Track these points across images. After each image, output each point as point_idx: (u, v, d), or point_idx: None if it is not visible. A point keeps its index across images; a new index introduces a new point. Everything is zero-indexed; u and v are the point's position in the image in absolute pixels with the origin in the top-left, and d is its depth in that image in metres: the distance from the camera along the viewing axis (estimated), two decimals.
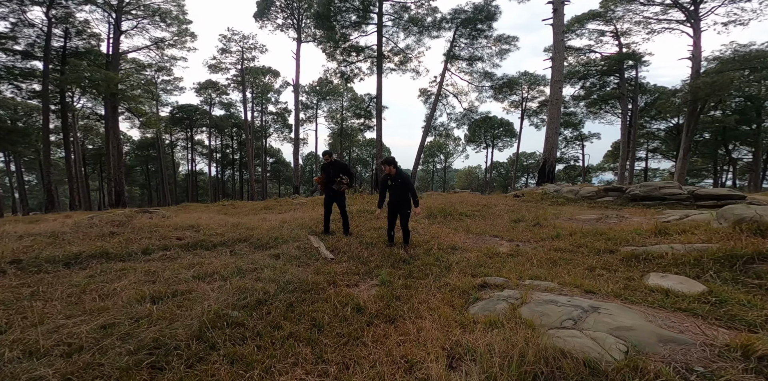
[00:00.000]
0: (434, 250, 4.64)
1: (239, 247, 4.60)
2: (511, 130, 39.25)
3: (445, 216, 7.20)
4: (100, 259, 3.65)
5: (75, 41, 21.79)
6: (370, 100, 37.27)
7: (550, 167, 15.24)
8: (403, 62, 23.97)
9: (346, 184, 5.48)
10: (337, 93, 37.81)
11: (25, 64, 21.64)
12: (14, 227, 4.63)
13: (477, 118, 26.80)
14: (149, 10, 20.92)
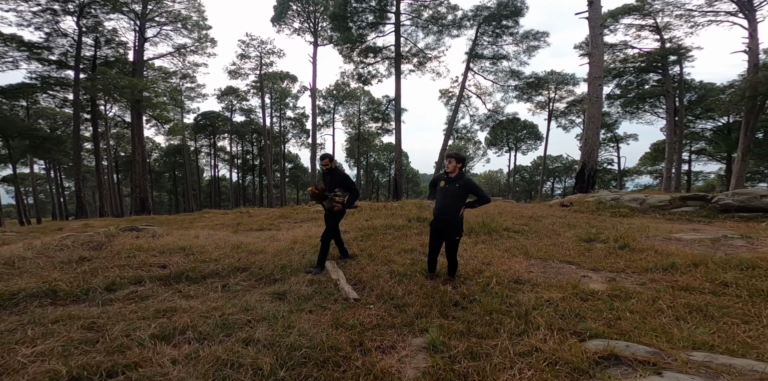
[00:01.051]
0: (494, 286, 3.37)
1: (235, 279, 3.51)
2: (535, 133, 37.17)
3: (489, 232, 5.88)
4: (44, 299, 2.66)
5: (104, 50, 22.20)
6: (388, 103, 36.30)
7: (590, 171, 13.52)
8: (422, 63, 22.89)
9: (340, 203, 3.98)
10: (354, 97, 37.23)
11: (59, 74, 22.21)
12: None
13: (502, 120, 25.18)
14: (171, 16, 20.97)
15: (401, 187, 21.55)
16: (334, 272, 3.99)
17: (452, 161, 3.47)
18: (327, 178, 4.10)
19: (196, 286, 3.29)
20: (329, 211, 4.05)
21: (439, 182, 3.60)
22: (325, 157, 4.10)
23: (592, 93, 13.91)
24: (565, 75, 27.79)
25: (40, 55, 20.57)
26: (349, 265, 4.29)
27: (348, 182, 4.05)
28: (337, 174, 4.07)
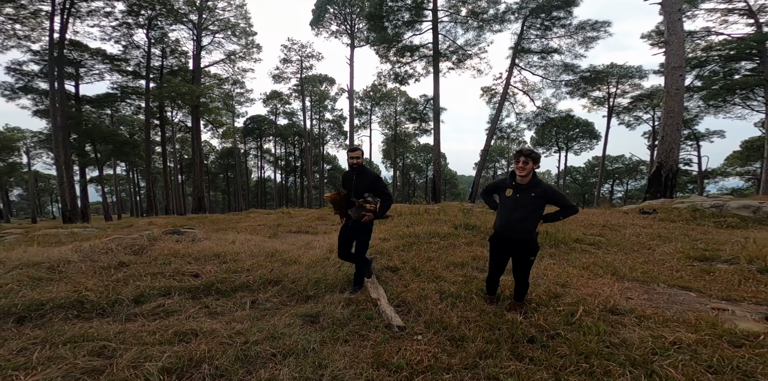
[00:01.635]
0: (581, 317, 2.61)
1: (266, 294, 3.15)
2: (591, 131, 33.71)
3: (556, 244, 4.97)
4: (71, 310, 2.48)
5: (170, 59, 24.34)
6: (426, 102, 35.42)
7: (668, 173, 11.54)
8: (461, 60, 21.66)
9: (372, 210, 3.11)
10: (390, 97, 36.92)
11: (135, 84, 24.82)
12: (26, 251, 3.85)
13: (553, 118, 23.00)
14: (222, 24, 22.33)
15: (440, 189, 20.64)
16: (374, 290, 3.47)
17: (526, 161, 2.56)
18: (353, 179, 3.19)
19: (224, 301, 2.98)
20: (355, 222, 3.13)
21: (502, 189, 2.79)
22: (357, 149, 3.19)
23: (671, 84, 11.90)
24: (628, 68, 24.66)
25: (119, 66, 23.14)
26: (390, 280, 3.76)
27: (380, 185, 3.17)
28: (368, 174, 3.18)
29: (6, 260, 3.36)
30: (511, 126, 25.31)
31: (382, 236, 5.74)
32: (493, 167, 44.56)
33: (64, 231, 10.82)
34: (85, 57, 21.98)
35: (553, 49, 20.55)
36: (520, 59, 21.42)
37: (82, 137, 25.01)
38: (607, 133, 27.07)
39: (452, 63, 21.78)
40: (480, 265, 4.25)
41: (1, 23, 17.52)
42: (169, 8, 19.92)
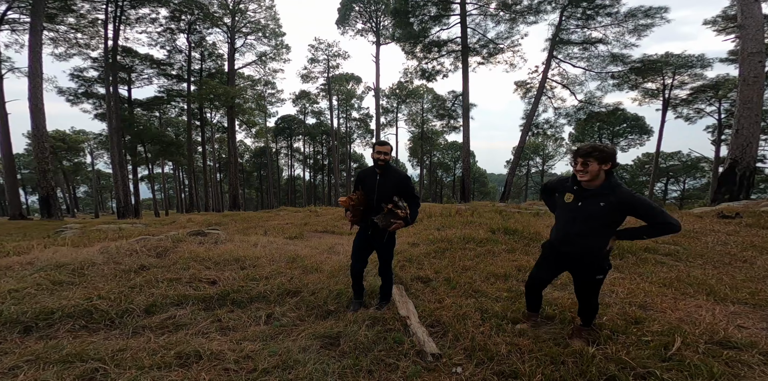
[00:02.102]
0: (681, 352, 2.00)
1: (282, 307, 2.84)
2: (640, 126, 30.67)
3: (621, 253, 4.23)
4: (79, 320, 2.33)
5: (208, 63, 25.54)
6: (454, 99, 34.16)
7: (744, 171, 9.92)
8: (492, 54, 20.52)
9: (403, 217, 2.61)
10: (417, 95, 36.12)
11: (178, 87, 26.36)
12: (56, 252, 3.87)
13: (599, 112, 21.05)
14: (254, 25, 22.92)
15: (469, 188, 19.71)
16: (403, 306, 3.04)
17: (585, 163, 1.92)
18: (377, 179, 2.66)
19: (239, 313, 2.71)
20: (378, 230, 2.64)
21: (561, 192, 2.16)
22: (386, 143, 2.71)
23: (748, 72, 10.22)
24: (687, 57, 21.85)
25: (165, 71, 24.65)
26: (421, 294, 3.31)
27: (411, 187, 2.71)
28: (396, 174, 2.69)
29: (36, 261, 3.38)
30: (549, 121, 23.54)
31: (410, 240, 5.29)
32: (526, 165, 42.12)
33: (114, 227, 11.56)
34: (136, 62, 23.61)
35: (597, 39, 18.76)
36: (558, 51, 19.86)
37: (134, 138, 27.01)
38: (661, 128, 24.33)
39: (482, 57, 20.71)
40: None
41: (64, 32, 19.22)
42: (206, 13, 20.79)
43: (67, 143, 38.35)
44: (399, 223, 2.61)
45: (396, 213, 2.59)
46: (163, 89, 25.92)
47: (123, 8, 19.30)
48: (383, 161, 2.67)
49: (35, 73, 15.09)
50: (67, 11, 17.76)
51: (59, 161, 38.90)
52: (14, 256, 3.65)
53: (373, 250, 2.87)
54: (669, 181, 34.73)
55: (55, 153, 37.29)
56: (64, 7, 17.34)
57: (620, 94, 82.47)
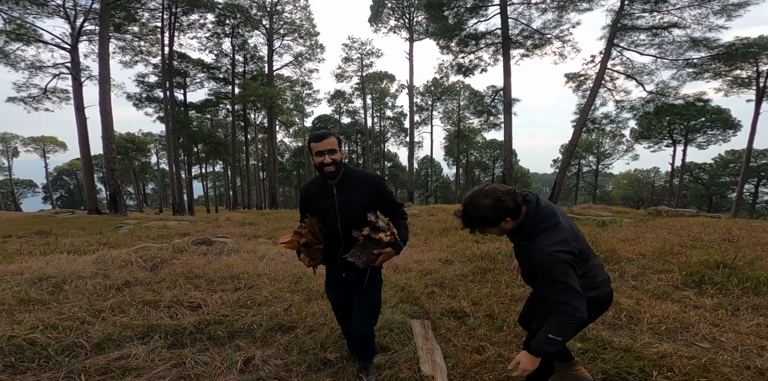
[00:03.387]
0: None
1: (269, 349, 2.15)
2: (724, 119, 25.98)
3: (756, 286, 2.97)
4: (11, 356, 1.84)
5: (250, 65, 26.58)
6: (494, 94, 31.83)
7: None
8: (537, 45, 18.44)
9: (391, 242, 1.61)
10: (453, 92, 34.43)
11: (225, 89, 27.84)
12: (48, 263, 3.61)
13: (675, 104, 18.00)
14: (290, 26, 23.29)
15: None
16: (427, 357, 2.18)
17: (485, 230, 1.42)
18: (332, 196, 1.68)
19: (212, 354, 2.09)
20: (358, 272, 1.71)
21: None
22: (326, 136, 1.60)
23: None
24: None
25: (214, 74, 26.13)
26: (453, 336, 2.45)
27: (389, 192, 1.72)
28: (364, 179, 1.69)
29: (25, 271, 3.12)
30: (608, 116, 20.71)
31: (443, 256, 4.39)
32: (577, 164, 38.13)
33: (161, 224, 12.22)
34: (189, 67, 25.31)
35: (671, 23, 15.92)
36: (620, 39, 17.36)
37: (188, 139, 29.08)
38: (754, 122, 20.15)
39: (526, 49, 18.71)
40: (608, 318, 2.63)
41: (130, 41, 21.07)
42: (246, 16, 21.51)
43: (136, 144, 42.74)
44: (387, 253, 1.61)
45: (377, 239, 1.58)
46: (212, 92, 27.52)
47: (176, 15, 20.63)
48: (332, 165, 1.58)
49: (104, 80, 16.58)
50: (131, 20, 19.35)
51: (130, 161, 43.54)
52: (12, 265, 3.48)
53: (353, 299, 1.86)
54: (760, 182, 29.04)
55: (126, 153, 41.86)
56: (129, 17, 18.90)
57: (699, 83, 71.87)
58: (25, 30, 17.42)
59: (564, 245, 1.25)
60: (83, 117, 18.25)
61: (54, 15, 17.82)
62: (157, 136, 45.39)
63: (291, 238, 1.66)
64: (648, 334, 2.36)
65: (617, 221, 6.33)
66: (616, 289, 3.28)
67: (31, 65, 18.76)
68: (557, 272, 1.21)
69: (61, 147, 44.44)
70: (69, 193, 53.92)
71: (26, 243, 6.11)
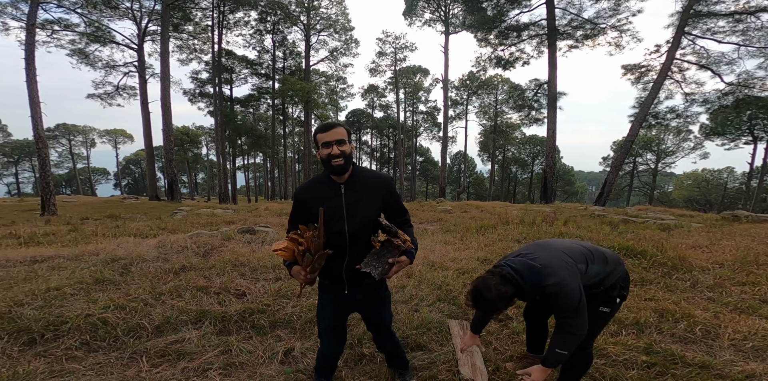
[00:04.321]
0: None
1: (308, 342, 2.20)
2: None
3: None
4: (84, 335, 2.07)
5: (289, 61, 27.40)
6: (537, 87, 29.66)
7: None
8: (589, 36, 17.03)
9: (408, 250, 1.46)
10: (490, 85, 32.79)
11: (266, 85, 29.05)
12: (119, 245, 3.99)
13: (759, 97, 15.68)
14: (326, 21, 23.51)
15: (553, 187, 16.89)
16: (466, 359, 2.03)
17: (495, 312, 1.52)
18: (340, 196, 1.45)
19: (255, 342, 2.18)
20: (366, 287, 1.54)
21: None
22: (335, 126, 1.41)
23: None
24: None
25: (256, 70, 27.34)
26: (496, 339, 2.31)
27: (398, 195, 1.60)
28: (374, 178, 1.52)
29: (100, 252, 3.49)
30: (675, 110, 18.49)
31: (480, 255, 4.20)
32: (632, 162, 34.53)
33: (209, 211, 13.25)
34: (235, 63, 26.69)
35: (760, 7, 13.68)
36: (692, 26, 15.32)
37: (233, 132, 30.87)
38: None
39: (575, 40, 17.35)
40: (679, 331, 2.36)
41: (185, 40, 22.66)
42: (286, 12, 22.06)
43: (190, 137, 46.32)
44: (403, 262, 1.46)
45: (395, 246, 1.41)
46: (254, 87, 28.86)
47: (224, 14, 21.73)
48: (341, 158, 1.38)
49: (165, 77, 18.03)
50: (187, 20, 20.75)
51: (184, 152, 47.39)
52: (89, 246, 3.94)
53: (351, 315, 1.70)
54: None
55: (182, 145, 45.65)
56: (184, 16, 20.28)
57: None
58: (101, 32, 19.38)
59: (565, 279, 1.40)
60: (147, 111, 20.08)
61: (124, 17, 19.61)
62: (207, 129, 48.71)
63: (287, 244, 1.39)
64: (729, 350, 2.08)
65: (684, 225, 5.62)
66: (687, 300, 2.93)
67: (106, 64, 20.97)
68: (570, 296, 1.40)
69: (129, 139, 49.55)
70: (134, 181, 60.22)
71: (100, 225, 6.91)
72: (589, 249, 1.63)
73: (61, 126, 45.32)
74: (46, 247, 4.52)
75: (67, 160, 47.20)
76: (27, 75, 11.56)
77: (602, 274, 1.52)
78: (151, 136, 20.86)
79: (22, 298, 2.41)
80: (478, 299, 1.41)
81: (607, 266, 1.57)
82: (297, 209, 1.52)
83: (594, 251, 1.62)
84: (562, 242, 1.65)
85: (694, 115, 18.15)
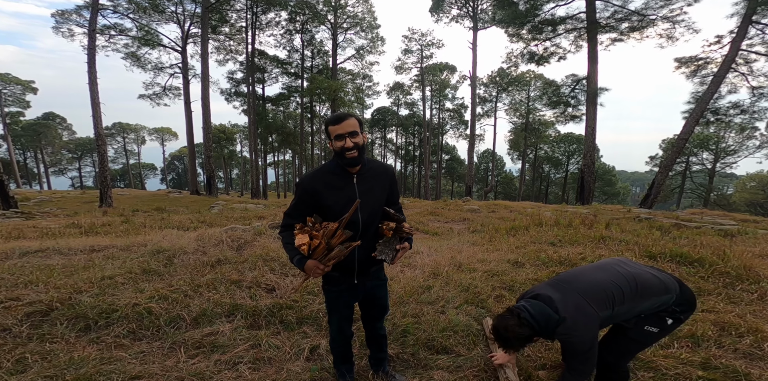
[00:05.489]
0: None
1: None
2: None
3: None
4: (131, 323, 2.22)
5: (317, 59, 27.83)
6: (574, 83, 27.62)
7: None
8: (635, 28, 15.78)
9: (410, 236, 1.56)
10: (521, 82, 31.30)
11: (296, 83, 29.75)
12: (164, 237, 4.26)
13: None
14: (352, 20, 23.48)
15: (591, 187, 15.82)
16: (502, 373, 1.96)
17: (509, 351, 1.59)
18: (353, 186, 1.47)
19: (282, 338, 2.22)
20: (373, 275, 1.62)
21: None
22: (347, 117, 1.42)
23: None
24: None
25: (286, 69, 28.10)
26: (531, 349, 2.19)
27: (398, 188, 1.67)
28: (381, 168, 1.58)
29: (148, 243, 3.75)
30: (739, 105, 16.59)
31: (511, 257, 4.00)
32: (685, 162, 31.25)
33: (242, 206, 13.93)
34: (267, 63, 27.58)
35: None
36: (761, 14, 13.63)
37: (265, 130, 32.04)
38: None
39: (619, 33, 16.17)
40: (743, 346, 2.10)
41: (222, 41, 23.77)
42: (314, 12, 22.36)
43: (226, 134, 48.81)
44: (405, 248, 1.53)
45: (405, 232, 1.53)
46: (285, 86, 29.70)
47: (257, 15, 22.46)
48: (355, 150, 1.39)
49: (205, 77, 19.08)
50: (223, 21, 21.74)
51: (221, 149, 50.12)
52: (138, 237, 4.25)
53: (358, 303, 1.71)
54: None
55: (219, 142, 48.30)
56: (221, 18, 21.26)
57: None
58: (150, 36, 20.86)
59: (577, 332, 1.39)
60: (190, 110, 21.39)
61: (169, 21, 20.92)
62: (241, 127, 51.01)
63: (303, 235, 1.35)
64: None
65: (748, 232, 4.99)
66: (754, 313, 2.60)
67: (155, 66, 22.59)
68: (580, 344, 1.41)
69: (174, 136, 53.19)
70: (178, 176, 64.76)
71: (148, 217, 7.48)
72: (625, 285, 1.45)
73: (117, 125, 49.63)
74: (103, 236, 4.95)
75: (121, 156, 51.70)
76: (89, 77, 12.73)
77: (633, 312, 1.48)
78: (192, 134, 22.20)
79: (81, 285, 2.63)
80: (498, 336, 1.49)
81: (644, 302, 1.46)
82: (304, 200, 1.47)
83: (628, 288, 1.45)
84: (593, 279, 1.49)
85: (761, 111, 16.20)
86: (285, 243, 1.50)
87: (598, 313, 1.40)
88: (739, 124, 18.03)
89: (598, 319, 1.41)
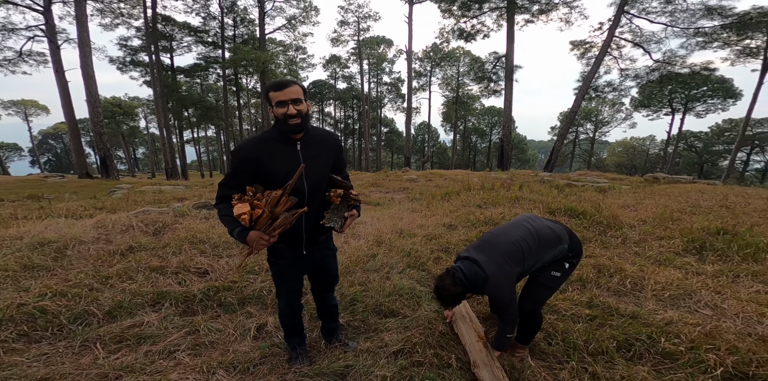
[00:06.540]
0: None
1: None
2: (726, 89, 25.27)
3: (756, 253, 3.04)
4: (20, 325, 1.79)
5: (240, 29, 24.32)
6: (495, 60, 30.00)
7: None
8: (543, 11, 17.67)
9: (356, 204, 1.54)
10: (452, 58, 32.82)
11: (215, 53, 25.74)
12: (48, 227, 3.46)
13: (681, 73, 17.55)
14: None
15: (509, 155, 18.05)
16: (463, 323, 2.15)
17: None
18: (296, 154, 1.38)
19: (224, 321, 2.07)
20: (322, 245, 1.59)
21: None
22: (290, 84, 1.31)
23: None
24: None
25: (201, 38, 23.97)
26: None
27: (344, 156, 1.66)
28: (326, 135, 1.52)
29: (26, 235, 2.97)
30: (611, 84, 20.16)
31: (446, 221, 4.35)
32: (575, 132, 37.74)
33: (156, 188, 11.95)
34: (175, 30, 23.07)
35: None
36: (631, 5, 16.38)
37: (177, 103, 27.38)
38: (757, 91, 19.62)
39: (531, 15, 17.88)
40: (613, 284, 2.65)
41: (108, 3, 18.85)
42: None
43: (123, 108, 40.36)
44: (354, 215, 1.50)
45: (352, 199, 1.50)
46: (201, 56, 25.56)
47: None
48: (298, 117, 1.32)
49: (84, 43, 15.10)
50: None
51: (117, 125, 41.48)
52: (9, 229, 3.33)
53: (308, 274, 1.68)
54: (753, 150, 29.18)
55: (114, 117, 39.73)
56: None
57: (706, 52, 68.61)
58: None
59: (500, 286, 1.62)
60: (64, 80, 16.87)
61: None
62: (144, 100, 42.86)
63: (242, 206, 1.23)
64: (652, 300, 2.38)
65: (616, 187, 6.32)
66: (619, 255, 3.31)
67: (2, 27, 17.01)
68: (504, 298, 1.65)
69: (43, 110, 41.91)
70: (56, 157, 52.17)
71: (19, 207, 5.91)
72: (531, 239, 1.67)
73: None
74: None
75: None
76: None
77: (539, 263, 1.73)
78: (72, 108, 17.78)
79: None
80: (437, 295, 1.71)
81: (546, 253, 1.71)
82: (243, 168, 1.35)
83: (533, 242, 1.67)
84: (508, 238, 1.69)
85: (626, 89, 20.00)
86: (222, 215, 1.35)
87: (513, 269, 1.63)
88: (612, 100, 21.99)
89: (515, 274, 1.65)
